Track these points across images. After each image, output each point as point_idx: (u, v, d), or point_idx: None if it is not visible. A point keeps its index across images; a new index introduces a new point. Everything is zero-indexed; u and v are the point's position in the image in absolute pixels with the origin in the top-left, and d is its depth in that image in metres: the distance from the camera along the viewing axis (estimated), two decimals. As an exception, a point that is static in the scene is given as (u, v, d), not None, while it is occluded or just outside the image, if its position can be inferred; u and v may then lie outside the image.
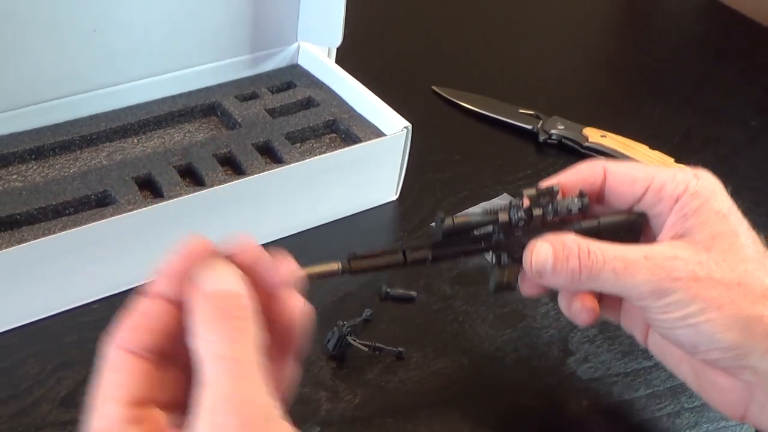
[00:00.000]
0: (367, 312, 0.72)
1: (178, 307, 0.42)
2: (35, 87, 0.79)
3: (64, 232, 0.68)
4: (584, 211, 0.54)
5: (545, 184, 0.55)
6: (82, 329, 0.70)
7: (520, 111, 1.00)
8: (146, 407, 0.39)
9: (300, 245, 0.79)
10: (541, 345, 0.73)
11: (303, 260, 0.77)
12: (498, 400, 0.68)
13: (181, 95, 0.86)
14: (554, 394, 0.69)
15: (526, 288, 0.58)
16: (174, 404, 0.41)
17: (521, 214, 0.53)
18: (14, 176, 0.77)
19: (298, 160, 0.78)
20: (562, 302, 0.59)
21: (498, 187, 0.89)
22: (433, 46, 1.16)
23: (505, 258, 0.56)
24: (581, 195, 0.54)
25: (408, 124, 0.81)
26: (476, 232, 0.55)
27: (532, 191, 0.54)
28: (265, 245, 0.78)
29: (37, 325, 0.70)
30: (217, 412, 0.36)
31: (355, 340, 0.69)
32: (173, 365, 0.42)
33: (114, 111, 0.83)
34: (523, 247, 0.54)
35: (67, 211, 0.73)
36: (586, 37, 1.25)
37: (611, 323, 0.74)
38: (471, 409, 0.67)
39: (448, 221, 0.52)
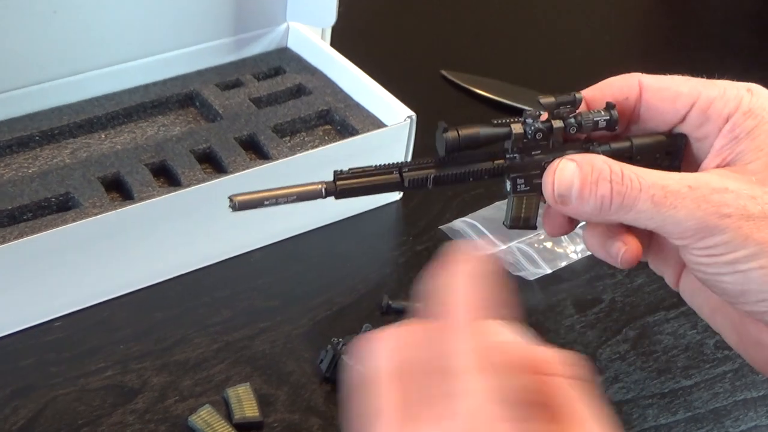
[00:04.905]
0: (366, 327, 0.69)
1: None
2: (-12, 77, 0.78)
3: (21, 239, 0.66)
4: (612, 128, 0.49)
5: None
6: (42, 350, 0.67)
7: (539, 97, 0.94)
8: None
9: (295, 252, 0.77)
10: (565, 363, 0.67)
11: (299, 269, 0.77)
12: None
13: (154, 84, 0.84)
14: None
15: (549, 223, 0.52)
16: None
17: (538, 125, 0.48)
18: (-35, 177, 0.74)
19: (287, 156, 0.76)
20: (592, 240, 0.52)
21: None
22: (442, 25, 1.11)
23: (522, 184, 0.50)
24: (609, 107, 0.49)
25: (412, 113, 0.78)
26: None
27: (550, 99, 0.49)
28: (253, 252, 0.77)
29: (-10, 346, 0.67)
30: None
31: (352, 361, 0.65)
32: None
33: (78, 102, 0.81)
34: (542, 169, 0.49)
35: (25, 217, 0.71)
36: (613, 16, 1.20)
37: (645, 338, 0.72)
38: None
39: (452, 133, 0.47)
